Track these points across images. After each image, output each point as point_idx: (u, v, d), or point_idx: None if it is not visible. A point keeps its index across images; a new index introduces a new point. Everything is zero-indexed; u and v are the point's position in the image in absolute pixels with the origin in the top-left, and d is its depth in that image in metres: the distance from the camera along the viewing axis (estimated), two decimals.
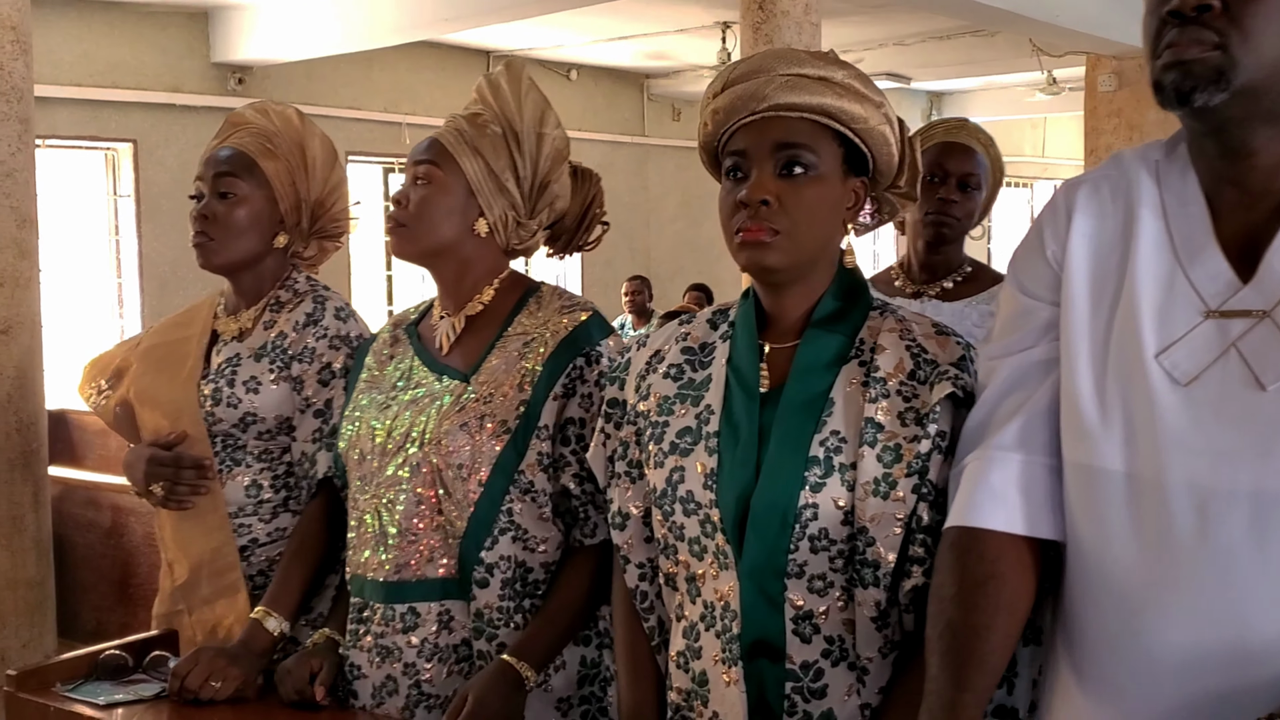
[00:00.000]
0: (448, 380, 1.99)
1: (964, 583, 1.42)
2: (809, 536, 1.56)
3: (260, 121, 2.35)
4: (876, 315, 1.67)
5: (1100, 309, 1.39)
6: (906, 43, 9.62)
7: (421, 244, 2.00)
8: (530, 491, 1.92)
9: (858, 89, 1.62)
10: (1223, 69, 1.28)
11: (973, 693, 1.38)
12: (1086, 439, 1.38)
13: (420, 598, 1.93)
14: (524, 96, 2.05)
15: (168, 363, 2.36)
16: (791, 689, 1.58)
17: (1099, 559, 1.38)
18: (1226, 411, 1.29)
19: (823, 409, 1.60)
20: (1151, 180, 1.41)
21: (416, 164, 2.01)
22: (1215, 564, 1.28)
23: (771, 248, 1.59)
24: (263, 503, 2.26)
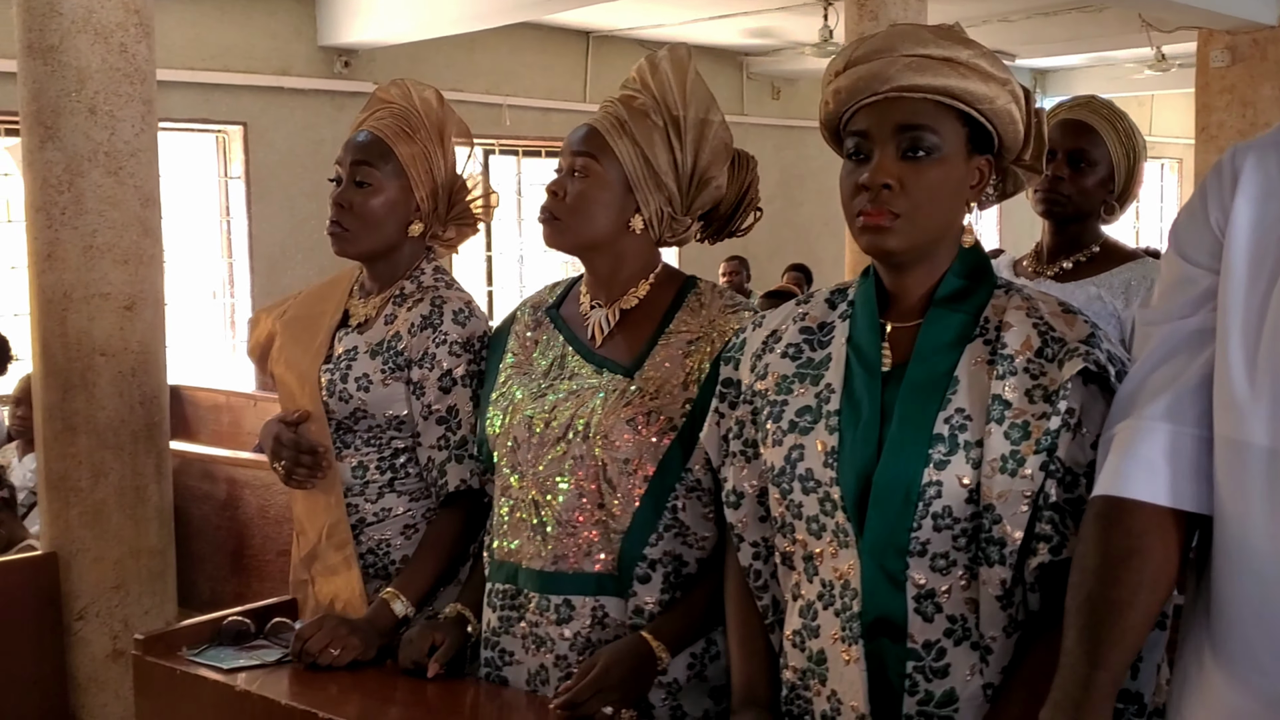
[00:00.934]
0: (608, 373, 1.96)
1: (1107, 556, 1.40)
2: (932, 514, 1.55)
3: (401, 102, 2.32)
4: (1001, 294, 1.65)
5: (1259, 280, 1.35)
6: (1011, 19, 9.44)
7: (576, 238, 1.98)
8: (696, 490, 1.90)
9: (983, 68, 1.59)
10: None
11: (1108, 670, 1.36)
12: (1235, 412, 1.34)
13: (576, 591, 1.92)
14: (689, 85, 2.00)
15: (302, 338, 2.37)
16: (913, 668, 1.57)
17: (1242, 535, 1.35)
18: None
19: (947, 387, 1.58)
20: None
21: (574, 154, 1.98)
22: None
23: (892, 231, 1.58)
24: (369, 484, 2.28)
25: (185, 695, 2.03)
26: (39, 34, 3.16)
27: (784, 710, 1.71)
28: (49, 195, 3.19)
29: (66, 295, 3.20)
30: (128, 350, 3.26)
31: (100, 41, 3.18)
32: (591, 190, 1.96)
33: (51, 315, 3.22)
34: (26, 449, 4.26)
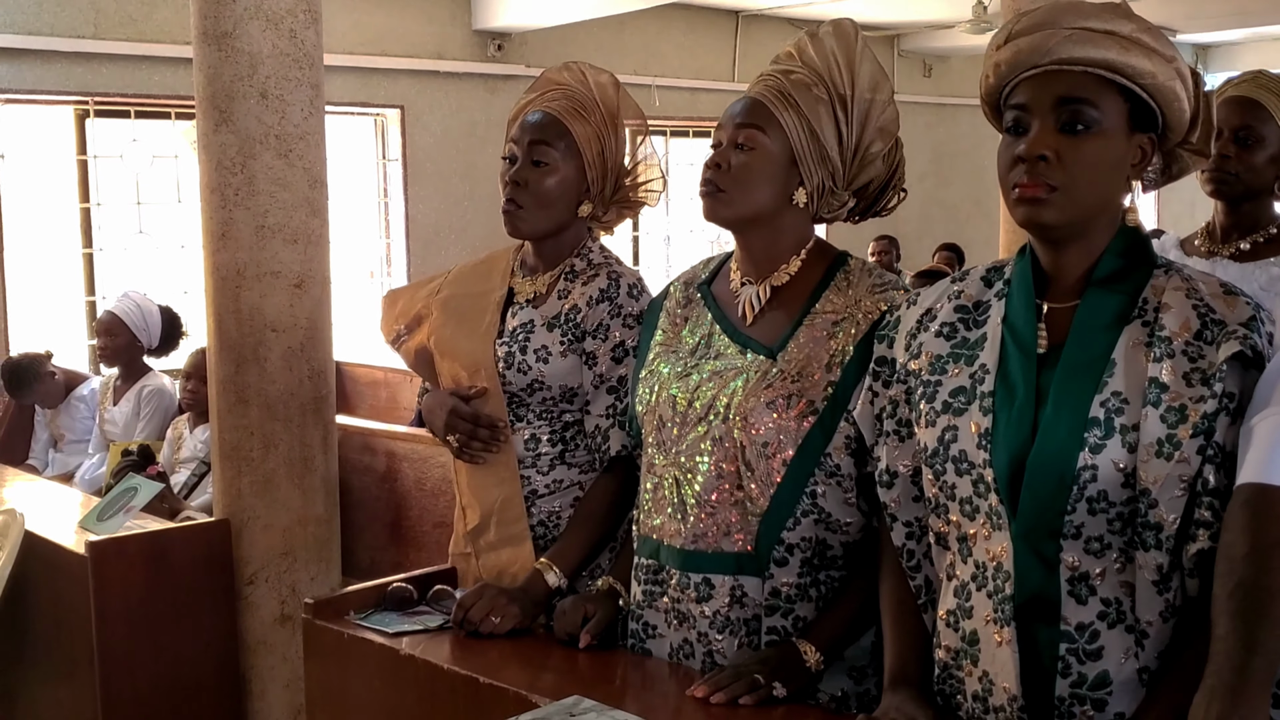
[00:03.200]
0: (752, 354, 1.96)
1: (1258, 542, 1.38)
2: (1087, 498, 1.54)
3: (575, 85, 2.35)
4: (1161, 274, 1.63)
5: None
6: None
7: (738, 210, 1.97)
8: (835, 475, 1.89)
9: (1146, 43, 1.58)
10: None
11: (1265, 656, 1.34)
12: None
13: (715, 569, 1.93)
14: (858, 61, 1.98)
15: (467, 317, 2.42)
16: (1066, 650, 1.57)
17: None
18: None
19: (1103, 370, 1.57)
20: None
21: (738, 126, 1.96)
22: None
23: (1048, 204, 1.57)
24: (540, 455, 2.33)
25: (351, 658, 2.12)
26: (214, 21, 3.28)
27: (936, 690, 1.72)
28: (223, 177, 3.30)
29: (240, 273, 3.32)
30: (296, 326, 3.37)
31: (271, 28, 3.29)
32: (756, 162, 1.94)
33: (225, 292, 3.34)
34: (198, 420, 4.45)
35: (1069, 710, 1.57)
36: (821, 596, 1.92)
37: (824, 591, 1.92)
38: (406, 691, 2.04)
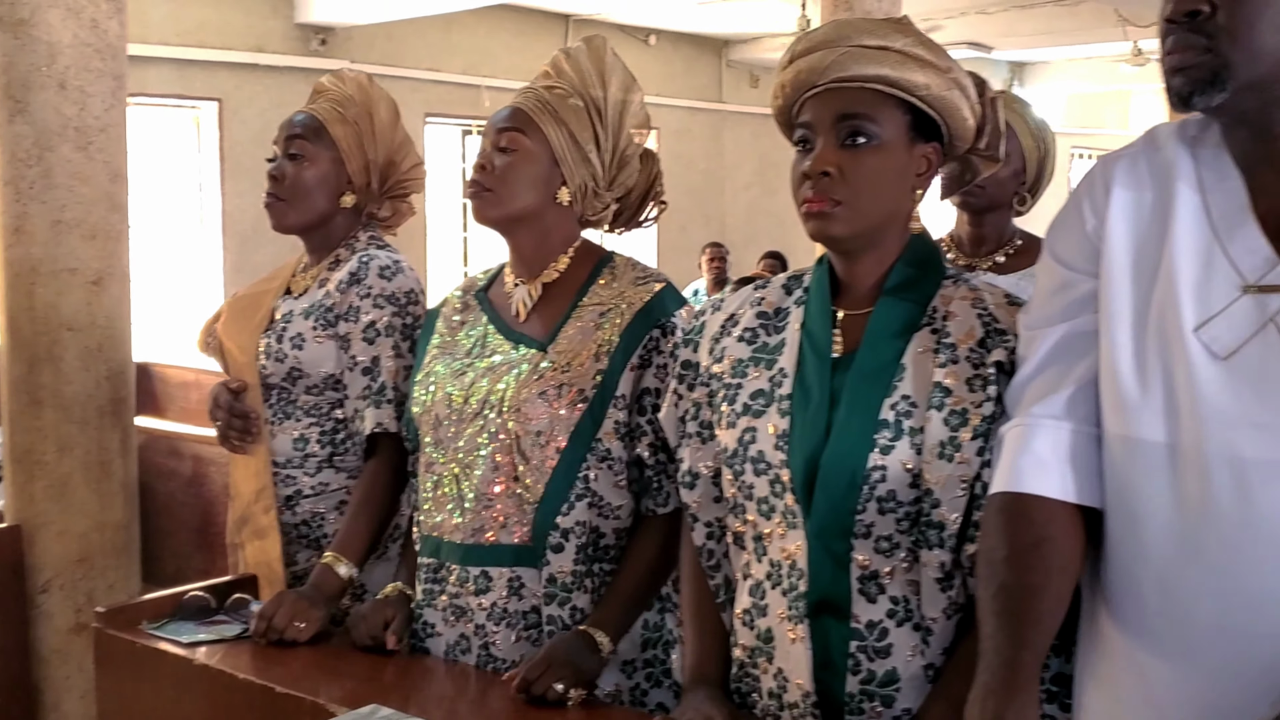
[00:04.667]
0: (524, 349, 2.02)
1: (1016, 546, 1.43)
2: (877, 498, 1.58)
3: (337, 88, 2.45)
4: (949, 284, 1.68)
5: (1140, 283, 1.41)
6: (989, 11, 9.51)
7: (504, 209, 2.03)
8: (607, 459, 1.96)
9: (921, 56, 1.63)
10: (1216, 71, 1.31)
11: (1031, 651, 1.39)
12: (1126, 411, 1.40)
13: (493, 562, 1.97)
14: (608, 72, 2.08)
15: (246, 313, 2.47)
16: (856, 647, 1.61)
17: (1138, 528, 1.41)
18: (1265, 384, 1.31)
19: (894, 374, 1.62)
20: (1188, 156, 1.42)
21: (501, 131, 2.03)
22: (1253, 533, 1.30)
23: (834, 217, 1.61)
24: (309, 456, 2.36)
25: (145, 668, 2.06)
26: (10, 7, 3.15)
27: (733, 688, 1.75)
28: (18, 170, 3.17)
29: (34, 269, 3.19)
30: (94, 325, 3.25)
31: (72, 17, 3.17)
32: (519, 162, 2.02)
33: (19, 289, 3.21)
34: None
35: (859, 706, 1.61)
36: (597, 588, 1.98)
37: (598, 584, 1.98)
38: (201, 703, 1.99)
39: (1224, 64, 1.31)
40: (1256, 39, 1.30)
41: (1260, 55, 1.30)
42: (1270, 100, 1.33)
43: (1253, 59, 1.30)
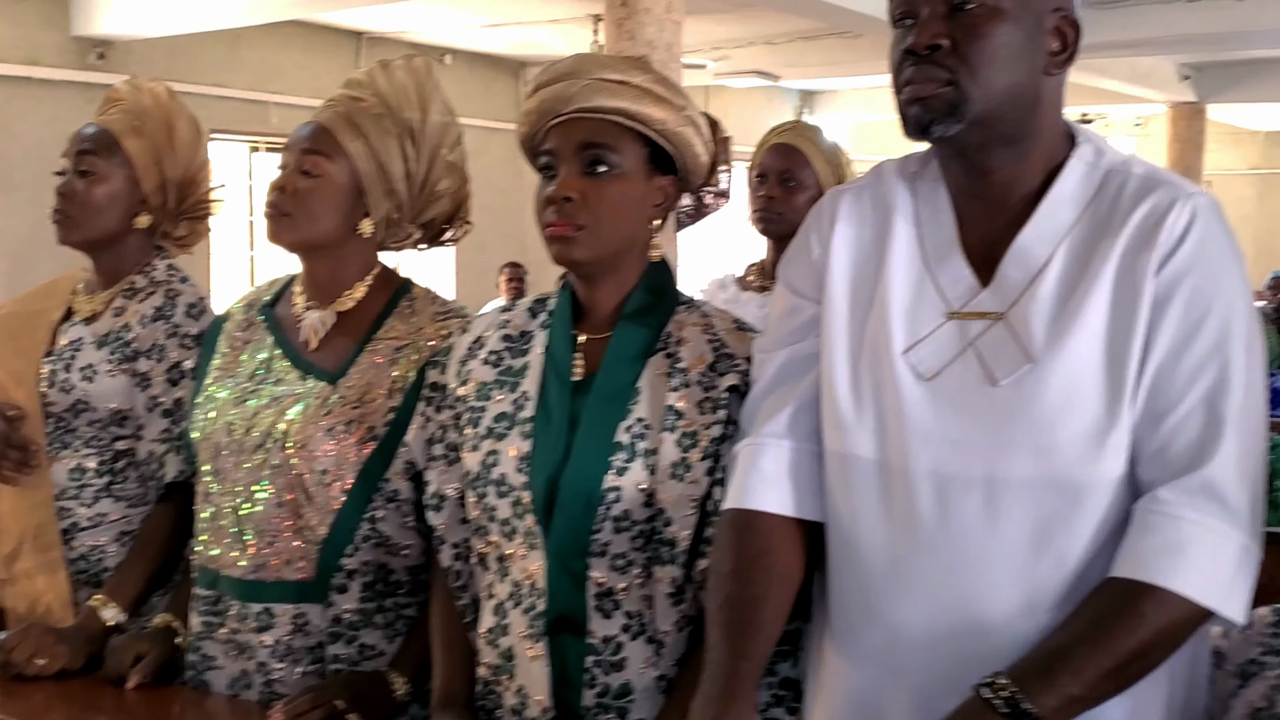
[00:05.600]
0: (312, 380, 1.95)
1: (740, 558, 1.51)
2: (612, 518, 1.64)
3: (132, 98, 2.30)
4: (683, 310, 1.76)
5: (857, 309, 1.51)
6: (775, 42, 9.79)
7: (301, 235, 1.96)
8: (395, 500, 1.91)
9: (658, 92, 1.70)
10: (955, 103, 1.39)
11: (749, 661, 1.46)
12: (842, 429, 1.49)
13: (276, 599, 1.92)
14: (430, 98, 2.02)
15: (18, 333, 2.31)
16: (592, 662, 1.66)
17: (852, 539, 1.50)
18: (964, 404, 1.42)
19: (629, 398, 1.68)
20: (908, 191, 1.53)
21: (304, 152, 1.95)
22: (952, 544, 1.41)
23: (576, 242, 1.67)
24: (85, 487, 2.23)
25: None
26: None
27: (479, 705, 1.78)
28: None
29: None
30: None
31: None
32: (321, 189, 1.94)
33: None
34: None
35: (595, 718, 1.67)
36: (389, 624, 1.95)
37: (391, 618, 1.95)
38: None
39: (963, 97, 1.39)
40: (992, 76, 1.40)
41: (994, 91, 1.40)
42: (993, 137, 1.43)
43: (988, 94, 1.40)
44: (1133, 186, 1.42)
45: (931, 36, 1.40)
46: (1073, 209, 1.44)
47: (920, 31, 1.41)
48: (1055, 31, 1.43)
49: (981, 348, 1.42)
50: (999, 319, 1.42)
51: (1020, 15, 1.40)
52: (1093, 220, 1.42)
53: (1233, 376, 1.35)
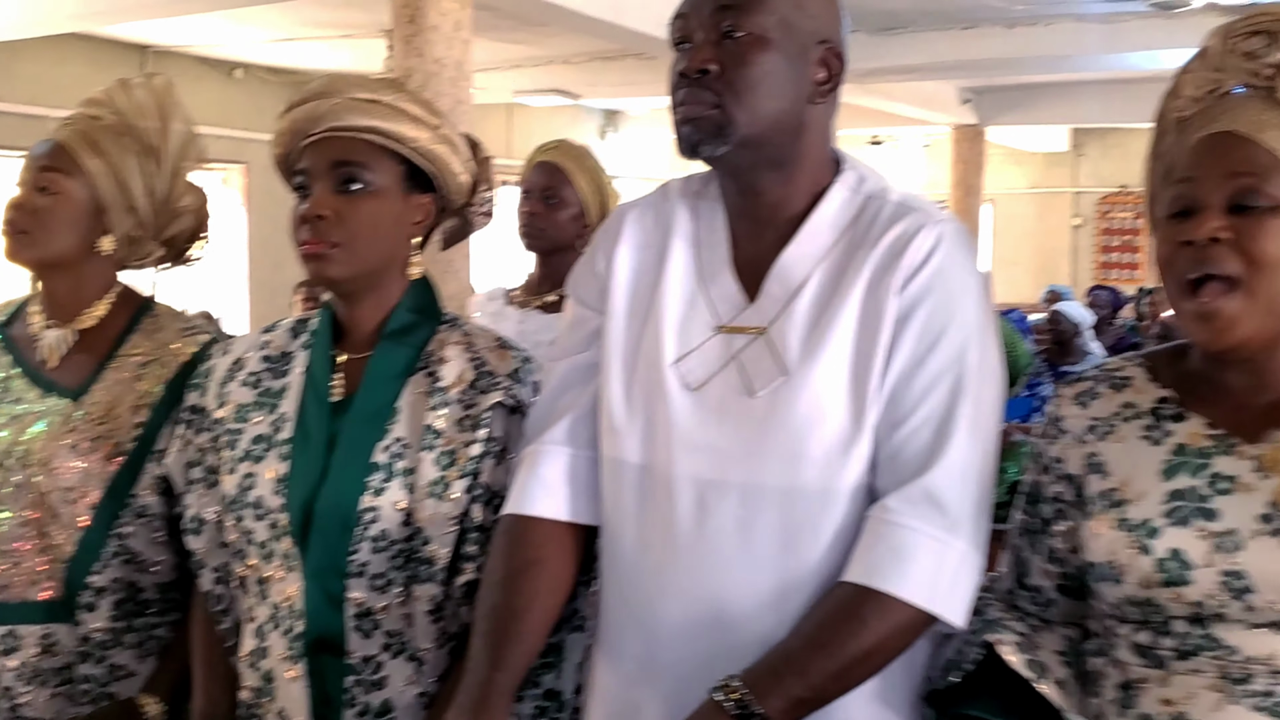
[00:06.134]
0: (54, 398, 1.92)
1: (511, 567, 1.54)
2: (370, 538, 1.65)
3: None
4: (445, 329, 1.77)
5: (634, 320, 1.56)
6: (573, 61, 9.85)
7: (40, 253, 1.93)
8: (144, 515, 1.90)
9: (410, 111, 1.72)
10: (722, 125, 1.45)
11: (506, 672, 1.49)
12: (615, 435, 1.54)
13: (20, 620, 1.87)
14: (171, 117, 2.00)
15: None
16: (352, 682, 1.66)
17: (619, 541, 1.55)
18: (726, 414, 1.47)
19: (388, 418, 1.69)
20: (688, 210, 1.59)
21: (41, 169, 1.92)
22: (708, 547, 1.46)
23: (330, 260, 1.67)
24: None
25: None
26: None
27: None
28: None
29: None
30: None
31: None
32: (59, 207, 1.92)
33: None
34: None
35: None
36: (140, 643, 1.92)
37: (142, 638, 1.92)
38: None
39: (729, 119, 1.45)
40: (757, 101, 1.45)
41: (759, 116, 1.46)
42: (761, 160, 1.49)
43: (753, 119, 1.45)
44: (887, 212, 1.50)
45: (701, 61, 1.45)
46: (833, 231, 1.51)
47: (692, 56, 1.47)
48: (820, 62, 1.50)
49: (744, 360, 1.48)
50: (760, 333, 1.48)
51: (785, 45, 1.46)
52: (850, 242, 1.50)
53: (964, 392, 1.43)
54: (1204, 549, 1.33)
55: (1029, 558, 1.55)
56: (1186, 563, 1.33)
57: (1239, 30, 1.40)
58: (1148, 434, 1.43)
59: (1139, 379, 1.48)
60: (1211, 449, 1.38)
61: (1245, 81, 1.40)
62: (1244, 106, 1.38)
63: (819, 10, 1.49)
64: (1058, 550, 1.51)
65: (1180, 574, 1.33)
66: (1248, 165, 1.33)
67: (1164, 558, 1.34)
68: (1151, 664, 1.38)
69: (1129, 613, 1.39)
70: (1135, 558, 1.36)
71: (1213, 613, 1.32)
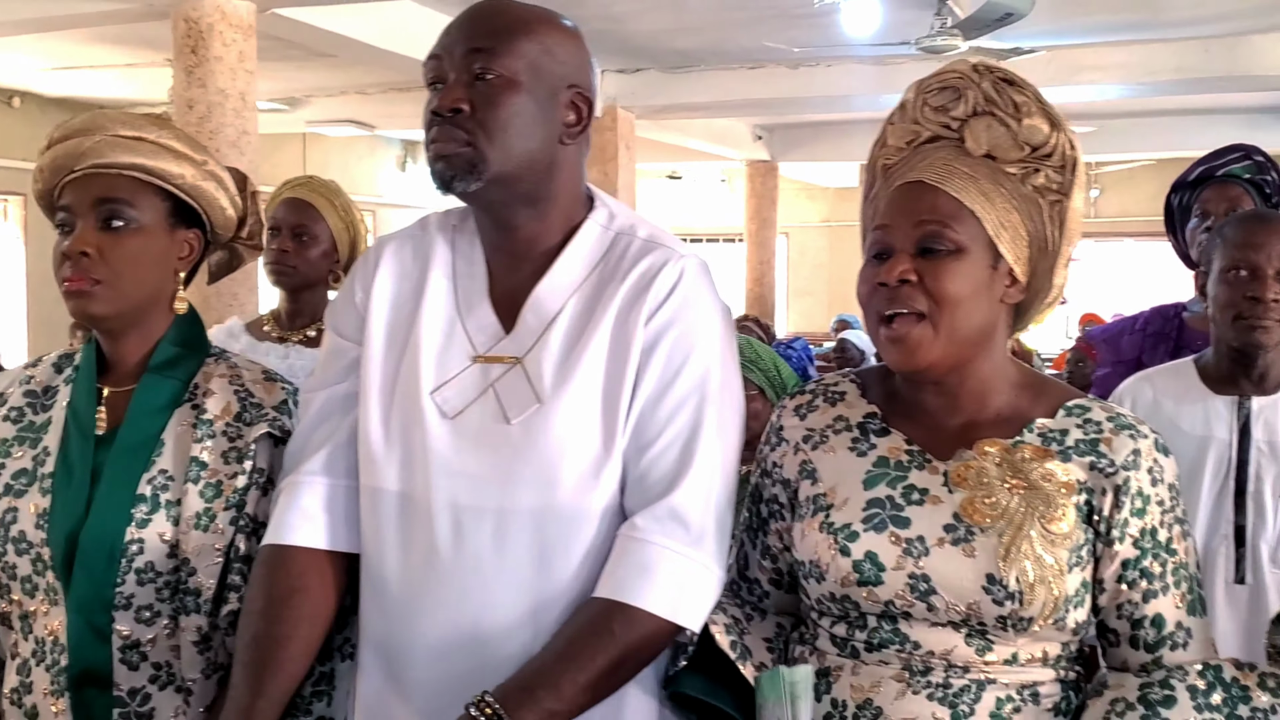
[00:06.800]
0: None
1: (271, 597, 1.56)
2: (136, 570, 1.66)
3: None
4: (211, 362, 1.79)
5: (392, 351, 1.60)
6: (367, 91, 9.80)
7: None
8: None
9: (175, 147, 1.74)
10: (474, 162, 1.51)
11: (267, 699, 1.51)
12: (373, 463, 1.58)
13: None
14: None
15: None
16: (119, 714, 1.66)
17: (380, 568, 1.58)
18: (482, 441, 1.53)
19: (154, 450, 1.70)
20: (446, 244, 1.64)
21: None
22: (465, 569, 1.52)
23: (94, 296, 1.68)
24: None
25: None
26: None
27: None
28: None
29: None
30: None
31: None
32: None
33: None
34: None
35: None
36: None
37: None
38: None
39: (481, 158, 1.50)
40: (508, 140, 1.51)
41: (510, 154, 1.52)
42: (515, 196, 1.55)
43: (504, 157, 1.51)
44: (635, 248, 1.59)
45: (454, 101, 1.51)
46: (585, 265, 1.58)
47: (444, 96, 1.52)
48: (570, 105, 1.57)
49: (499, 389, 1.54)
50: (516, 363, 1.54)
51: (535, 88, 1.53)
52: (600, 276, 1.58)
53: (707, 416, 1.53)
54: (895, 553, 1.46)
55: (750, 552, 1.67)
56: (880, 565, 1.46)
57: (930, 86, 1.55)
58: (855, 446, 1.55)
59: (851, 394, 1.61)
60: (908, 463, 1.51)
61: (938, 133, 1.54)
62: (936, 156, 1.52)
63: (567, 56, 1.57)
64: (773, 547, 1.63)
65: (874, 575, 1.46)
66: (933, 213, 1.47)
67: (860, 560, 1.46)
68: (846, 654, 1.50)
69: (829, 608, 1.51)
70: (836, 558, 1.48)
71: (901, 611, 1.45)
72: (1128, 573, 1.47)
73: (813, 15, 6.18)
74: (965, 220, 1.47)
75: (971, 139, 1.51)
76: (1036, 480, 1.46)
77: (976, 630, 1.44)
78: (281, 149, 11.39)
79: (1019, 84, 1.52)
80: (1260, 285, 2.20)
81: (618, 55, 8.62)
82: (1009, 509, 1.45)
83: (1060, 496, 1.45)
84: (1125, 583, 1.47)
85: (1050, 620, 1.43)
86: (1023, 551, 1.42)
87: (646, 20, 7.39)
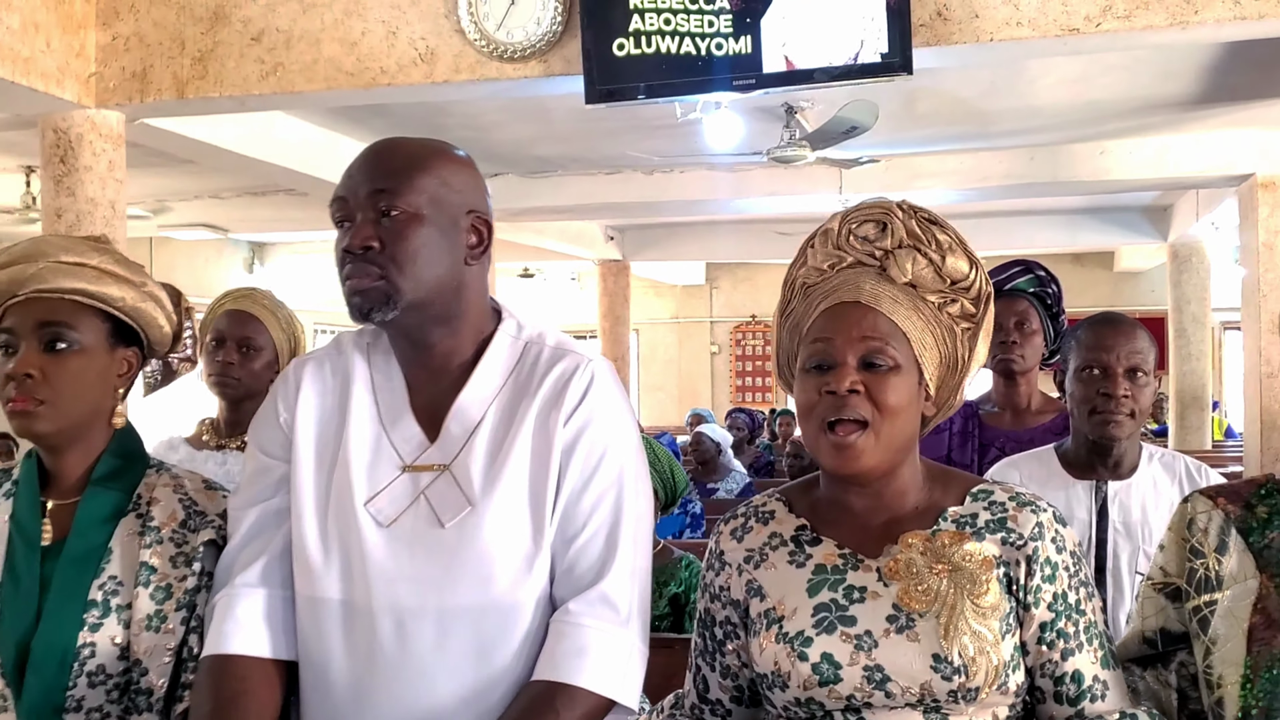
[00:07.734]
0: None
1: (218, 701, 1.64)
2: (87, 673, 1.72)
3: None
4: (153, 473, 1.88)
5: (323, 466, 1.70)
6: (223, 196, 9.77)
7: None
8: None
9: (116, 272, 1.84)
10: (389, 294, 1.64)
11: None
12: (311, 575, 1.67)
13: None
14: None
15: None
16: None
17: (323, 673, 1.67)
18: (418, 545, 1.64)
19: (102, 558, 1.78)
20: (364, 360, 1.76)
21: None
22: (409, 668, 1.62)
23: (38, 416, 1.76)
24: None
25: None
26: None
27: None
28: None
29: None
30: None
31: None
32: None
33: None
34: None
35: None
36: None
37: None
38: None
39: (395, 289, 1.63)
40: (418, 270, 1.64)
41: (421, 282, 1.64)
42: (428, 318, 1.68)
43: (416, 285, 1.64)
44: (546, 355, 1.73)
45: (364, 239, 1.64)
46: (500, 375, 1.72)
47: (354, 235, 1.64)
48: (472, 229, 1.71)
49: (430, 495, 1.65)
50: (444, 470, 1.66)
51: (438, 218, 1.67)
52: (516, 383, 1.71)
53: (625, 508, 1.67)
54: (848, 650, 1.56)
55: (709, 675, 1.75)
56: (836, 663, 1.56)
57: (856, 218, 1.71)
58: (793, 558, 1.67)
59: (780, 512, 1.74)
60: (844, 565, 1.64)
61: (861, 260, 1.69)
62: (864, 279, 1.67)
63: (463, 185, 1.71)
64: (731, 667, 1.72)
65: (832, 674, 1.56)
66: (874, 331, 1.62)
67: (817, 662, 1.57)
68: None
69: (795, 712, 1.60)
70: (796, 664, 1.57)
71: (862, 702, 1.56)
72: (1046, 634, 1.59)
73: (675, 126, 6.44)
74: (899, 340, 1.62)
75: (896, 268, 1.65)
76: (959, 561, 1.59)
77: (931, 707, 1.55)
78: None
79: (941, 224, 1.68)
80: (1111, 383, 2.42)
81: (479, 162, 8.75)
82: (941, 591, 1.57)
83: (982, 571, 1.59)
84: (1044, 644, 1.59)
85: (994, 686, 1.54)
86: (959, 628, 1.54)
87: (511, 130, 7.59)
